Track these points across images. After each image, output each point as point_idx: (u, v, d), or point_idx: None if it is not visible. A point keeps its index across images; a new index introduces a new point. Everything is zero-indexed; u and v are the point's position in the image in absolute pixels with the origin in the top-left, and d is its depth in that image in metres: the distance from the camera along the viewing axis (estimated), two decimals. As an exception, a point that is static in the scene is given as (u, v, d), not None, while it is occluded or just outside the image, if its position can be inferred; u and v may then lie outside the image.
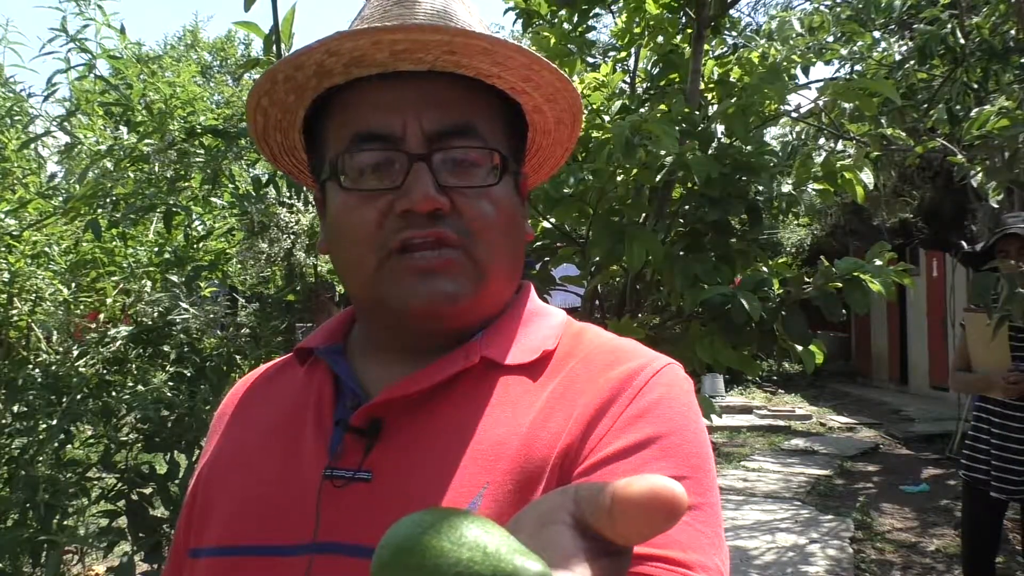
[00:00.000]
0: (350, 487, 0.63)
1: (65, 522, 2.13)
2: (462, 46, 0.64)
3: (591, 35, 3.18)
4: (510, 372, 0.67)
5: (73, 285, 2.45)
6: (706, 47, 2.66)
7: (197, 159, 2.39)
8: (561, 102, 0.72)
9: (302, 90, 0.69)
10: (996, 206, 4.47)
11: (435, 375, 0.65)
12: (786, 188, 2.42)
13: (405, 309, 0.66)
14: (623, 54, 2.93)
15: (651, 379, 0.65)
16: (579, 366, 0.67)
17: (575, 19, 2.73)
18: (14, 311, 2.37)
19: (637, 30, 2.73)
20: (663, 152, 2.11)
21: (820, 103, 2.87)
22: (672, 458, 0.60)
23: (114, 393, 2.24)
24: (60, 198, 2.45)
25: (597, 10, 2.81)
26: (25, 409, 2.13)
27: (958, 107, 3.78)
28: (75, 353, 2.31)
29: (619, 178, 2.37)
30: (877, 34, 4.56)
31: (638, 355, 0.68)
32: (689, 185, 2.37)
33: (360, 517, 0.61)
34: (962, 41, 3.85)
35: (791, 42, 2.70)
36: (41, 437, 2.06)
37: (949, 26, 3.86)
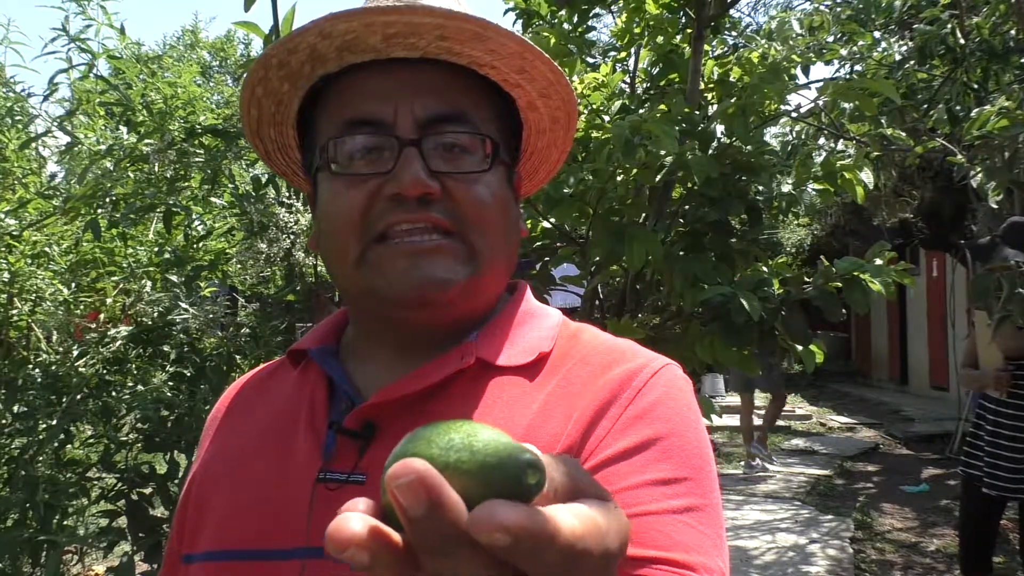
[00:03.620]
0: (344, 490, 0.62)
1: (65, 522, 2.12)
2: (455, 30, 0.63)
3: (591, 35, 3.18)
4: (505, 373, 0.66)
5: (73, 285, 2.45)
6: (706, 47, 2.66)
7: (197, 159, 2.39)
8: (555, 98, 0.72)
9: (296, 78, 0.68)
10: (996, 206, 4.47)
11: (429, 376, 0.65)
12: (786, 188, 2.42)
13: (393, 296, 0.64)
14: (623, 54, 2.93)
15: (650, 380, 0.64)
16: (577, 367, 0.66)
17: (575, 19, 2.73)
18: (14, 311, 2.37)
19: (637, 30, 2.73)
20: (663, 152, 2.11)
21: (820, 103, 2.87)
22: (672, 459, 0.60)
23: (114, 393, 2.23)
24: (60, 198, 2.45)
25: (597, 10, 2.80)
26: (25, 409, 2.13)
27: (958, 107, 3.78)
28: (75, 353, 2.31)
29: (619, 178, 2.37)
30: (877, 34, 4.56)
31: (636, 356, 0.67)
32: (689, 185, 2.37)
33: None
34: (962, 41, 3.85)
35: (791, 42, 2.69)
36: (41, 437, 2.05)
37: (949, 26, 3.86)
